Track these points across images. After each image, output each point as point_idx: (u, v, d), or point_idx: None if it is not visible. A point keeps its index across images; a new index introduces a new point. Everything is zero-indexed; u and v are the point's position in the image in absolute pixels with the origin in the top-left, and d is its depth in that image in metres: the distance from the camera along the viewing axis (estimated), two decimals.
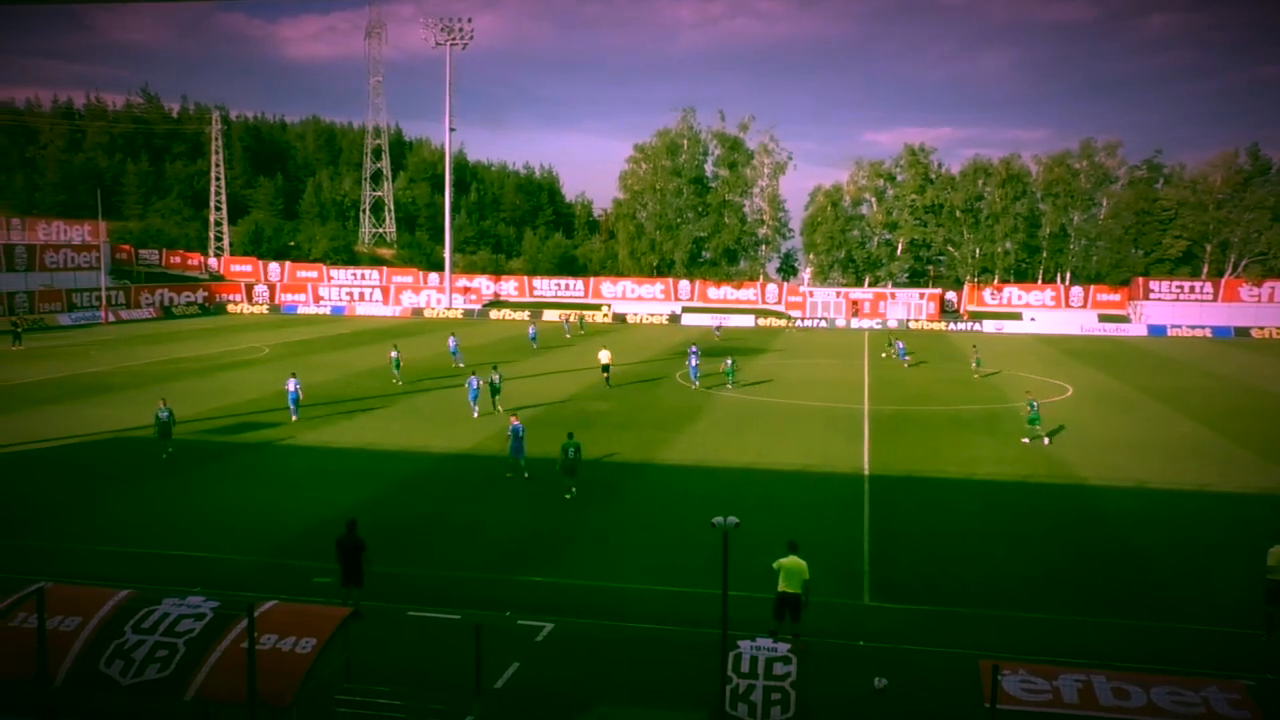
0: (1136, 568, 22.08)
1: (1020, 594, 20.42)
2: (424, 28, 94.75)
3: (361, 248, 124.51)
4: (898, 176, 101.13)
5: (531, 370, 53.41)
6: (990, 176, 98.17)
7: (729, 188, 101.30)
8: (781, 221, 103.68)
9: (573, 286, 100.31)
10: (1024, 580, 21.24)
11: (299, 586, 19.49)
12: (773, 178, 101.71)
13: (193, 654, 12.18)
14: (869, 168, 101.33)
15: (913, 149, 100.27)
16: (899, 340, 63.70)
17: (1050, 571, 21.71)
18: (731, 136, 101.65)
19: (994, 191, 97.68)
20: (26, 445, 33.16)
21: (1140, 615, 19.28)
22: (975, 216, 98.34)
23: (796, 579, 17.28)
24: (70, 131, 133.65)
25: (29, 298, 79.44)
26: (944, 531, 24.72)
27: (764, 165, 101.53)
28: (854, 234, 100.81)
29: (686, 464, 31.65)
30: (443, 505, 26.65)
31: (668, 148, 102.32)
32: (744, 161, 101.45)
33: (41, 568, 20.12)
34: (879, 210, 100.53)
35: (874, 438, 36.15)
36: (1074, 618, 19.15)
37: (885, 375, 53.78)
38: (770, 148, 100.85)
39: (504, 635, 17.41)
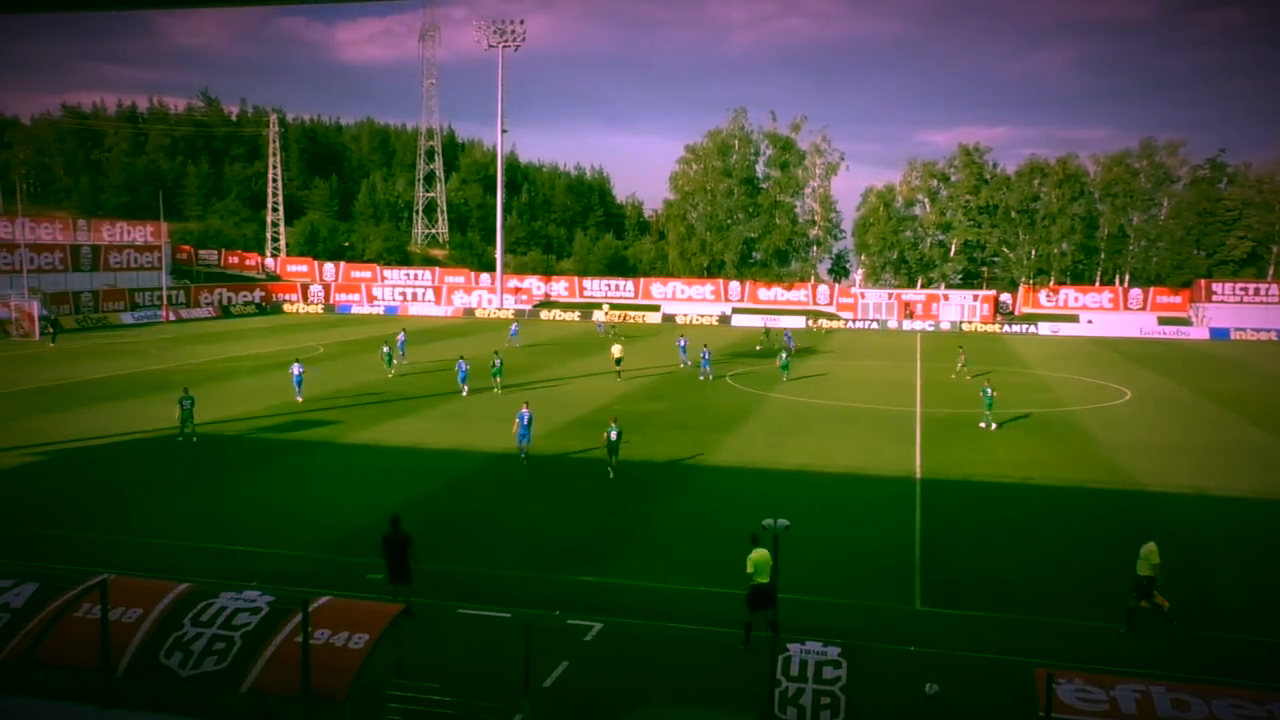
0: (1196, 576, 21.58)
1: (1076, 601, 20.06)
2: (477, 30, 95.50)
3: (414, 248, 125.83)
4: (952, 177, 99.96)
5: (579, 371, 53.59)
6: (1047, 176, 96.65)
7: (780, 188, 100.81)
8: (833, 222, 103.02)
9: (623, 287, 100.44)
10: (1080, 587, 20.87)
11: (352, 583, 19.74)
12: (825, 178, 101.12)
13: (249, 647, 12.38)
14: (922, 168, 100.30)
15: (967, 149, 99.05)
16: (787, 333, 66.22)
17: (1107, 578, 21.29)
18: (783, 137, 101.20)
19: (1050, 192, 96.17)
20: (91, 440, 33.97)
21: (1200, 625, 18.84)
22: (1031, 217, 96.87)
23: (767, 569, 17.44)
24: (134, 134, 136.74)
25: (94, 297, 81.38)
26: (997, 536, 24.38)
27: (816, 166, 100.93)
28: (907, 235, 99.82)
29: (737, 465, 31.55)
30: (492, 504, 26.83)
31: (719, 148, 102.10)
32: (796, 162, 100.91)
33: (104, 559, 20.59)
34: (932, 211, 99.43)
35: (926, 440, 35.75)
36: (1133, 626, 18.75)
37: (938, 378, 53.14)
38: (822, 148, 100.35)
39: (553, 634, 17.47)
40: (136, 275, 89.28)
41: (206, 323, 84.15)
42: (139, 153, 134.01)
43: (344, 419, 38.14)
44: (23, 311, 69.94)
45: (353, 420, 37.97)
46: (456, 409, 40.70)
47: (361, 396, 43.58)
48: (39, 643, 12.59)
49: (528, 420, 31.21)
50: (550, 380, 49.99)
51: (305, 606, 12.18)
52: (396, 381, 48.11)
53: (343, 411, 39.68)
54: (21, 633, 12.68)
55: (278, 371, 51.10)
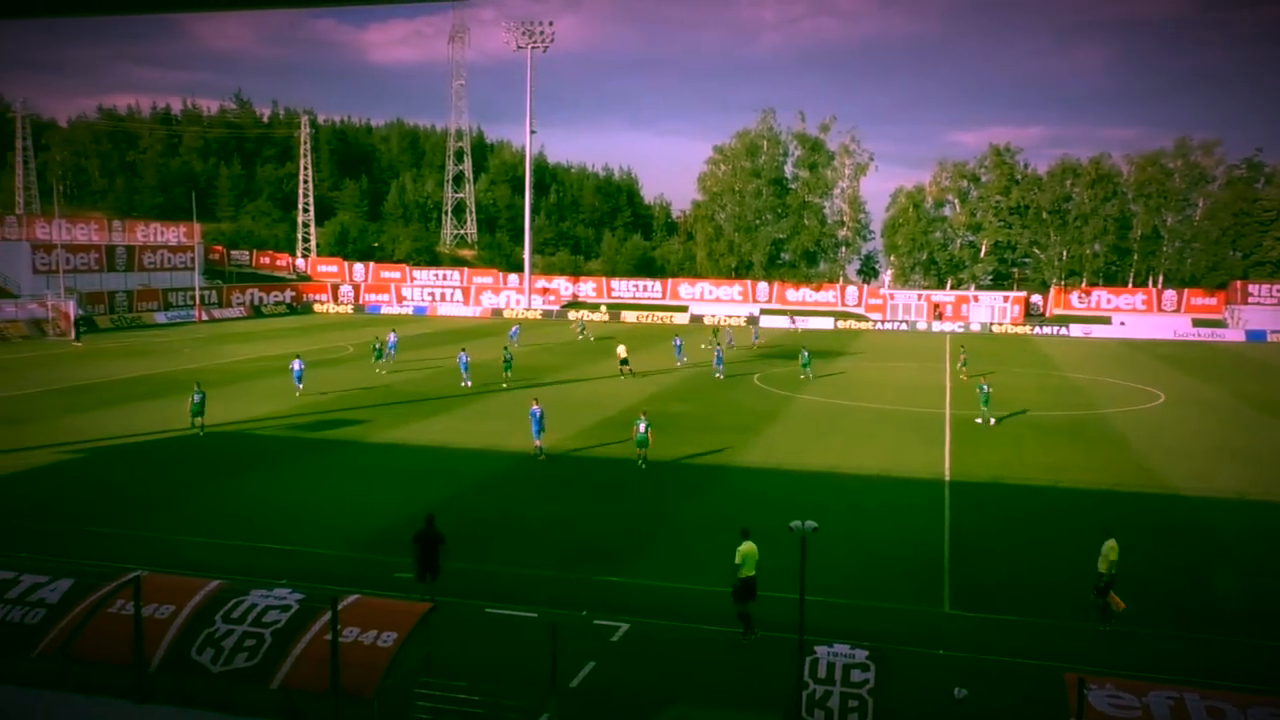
0: (1232, 581, 21.30)
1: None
2: (505, 31, 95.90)
3: (443, 249, 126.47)
4: (982, 177, 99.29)
5: (607, 371, 53.63)
6: (1079, 177, 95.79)
7: (809, 189, 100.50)
8: (862, 223, 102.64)
9: (650, 288, 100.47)
10: (1114, 590, 20.60)
11: (380, 581, 19.86)
12: (853, 179, 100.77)
13: (279, 644, 12.49)
14: (952, 168, 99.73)
15: (998, 149, 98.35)
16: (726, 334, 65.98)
17: (1140, 583, 21.03)
18: (812, 137, 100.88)
19: (1083, 192, 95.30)
20: (125, 438, 34.39)
21: (1238, 631, 18.59)
22: (1063, 218, 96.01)
23: (753, 563, 18.00)
24: (168, 136, 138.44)
25: (128, 297, 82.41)
26: (1027, 539, 24.17)
27: (845, 166, 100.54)
28: (936, 236, 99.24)
29: (765, 466, 31.47)
30: (521, 504, 26.92)
31: (747, 149, 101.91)
32: (824, 162, 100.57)
33: (137, 556, 20.84)
34: (962, 211, 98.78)
35: (955, 443, 35.50)
36: (1166, 631, 18.55)
37: (970, 380, 52.69)
38: (851, 148, 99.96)
39: (580, 634, 17.50)
40: (170, 275, 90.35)
41: (238, 322, 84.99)
42: (173, 154, 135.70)
43: (373, 418, 38.39)
44: (59, 311, 70.95)
45: (382, 419, 38.21)
46: (485, 408, 40.85)
47: (391, 395, 43.85)
48: (74, 638, 12.76)
49: (540, 416, 31.90)
50: (577, 380, 50.08)
51: (334, 604, 12.26)
52: (428, 381, 48.29)
53: (372, 410, 39.95)
54: (57, 628, 12.86)
55: (308, 371, 51.50)
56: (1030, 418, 41.16)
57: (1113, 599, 18.58)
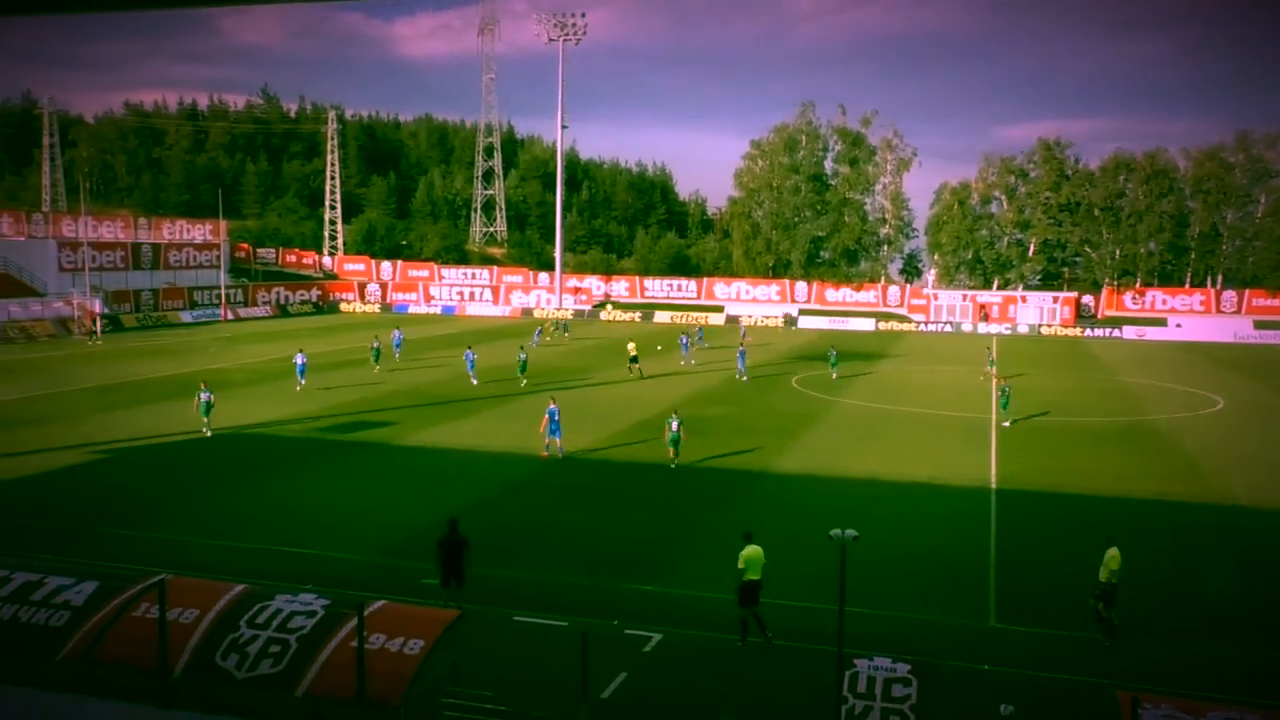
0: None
1: (1163, 620, 19.57)
2: (537, 23, 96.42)
3: (472, 247, 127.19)
4: (1030, 173, 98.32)
5: (650, 372, 53.67)
6: (1133, 172, 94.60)
7: (849, 185, 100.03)
8: (905, 220, 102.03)
9: (685, 287, 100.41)
10: (1167, 605, 20.36)
11: (406, 587, 19.96)
12: (896, 175, 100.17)
13: (304, 651, 12.59)
14: (999, 163, 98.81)
15: (1047, 143, 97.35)
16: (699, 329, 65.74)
17: (1197, 597, 20.75)
18: (853, 132, 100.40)
19: (1137, 188, 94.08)
20: (150, 439, 34.86)
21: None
22: (1115, 215, 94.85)
23: (759, 566, 18.10)
24: (194, 132, 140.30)
25: (154, 295, 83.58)
26: (1076, 550, 23.84)
27: (887, 162, 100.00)
28: (982, 234, 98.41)
29: (804, 473, 31.34)
30: (550, 508, 26.98)
31: (785, 144, 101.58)
32: (866, 158, 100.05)
33: (161, 558, 21.09)
34: (1010, 209, 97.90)
35: (1002, 449, 35.17)
36: (1224, 649, 18.26)
37: (1015, 384, 52.16)
38: (894, 143, 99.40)
39: (611, 644, 17.49)
40: (195, 274, 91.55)
41: (264, 321, 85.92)
42: (199, 150, 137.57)
43: (401, 420, 38.65)
44: (85, 309, 72.09)
45: (409, 421, 38.46)
46: (514, 410, 40.97)
47: (418, 397, 44.12)
48: (98, 642, 12.94)
49: (556, 416, 32.37)
50: (606, 382, 50.14)
51: (361, 610, 12.34)
52: (457, 383, 48.54)
53: (399, 412, 40.22)
54: (81, 631, 13.04)
55: (334, 371, 52.02)
56: (1079, 423, 40.69)
57: (1101, 609, 18.42)
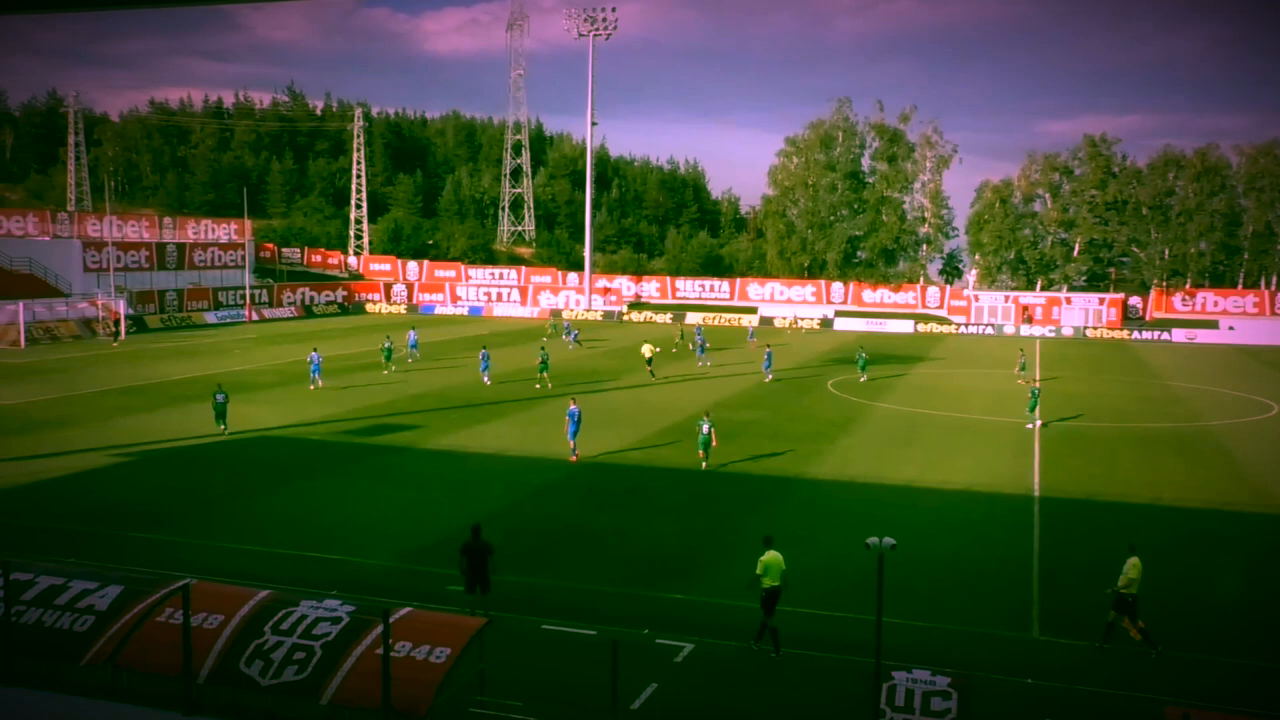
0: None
1: (1214, 634, 19.29)
2: (566, 18, 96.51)
3: (500, 246, 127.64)
4: (1075, 170, 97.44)
5: (668, 375, 53.65)
6: (1183, 169, 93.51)
7: (887, 183, 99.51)
8: (945, 219, 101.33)
9: (717, 288, 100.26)
10: (1218, 618, 20.07)
11: (433, 593, 20.05)
12: (936, 172, 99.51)
13: (329, 658, 12.66)
14: (1043, 160, 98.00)
15: (1093, 139, 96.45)
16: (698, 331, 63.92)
17: (1249, 611, 20.45)
18: (891, 128, 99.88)
19: (1187, 186, 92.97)
20: (175, 441, 35.24)
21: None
22: (1165, 214, 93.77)
23: (778, 572, 18.14)
24: (219, 131, 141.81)
25: (178, 296, 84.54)
26: (1123, 560, 23.56)
27: (926, 159, 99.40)
28: (1025, 233, 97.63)
29: (840, 479, 31.21)
30: (579, 514, 27.02)
31: (821, 140, 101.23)
32: (904, 155, 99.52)
33: (185, 563, 21.33)
34: (1054, 207, 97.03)
35: (1046, 455, 34.85)
36: (1277, 664, 17.97)
37: (1060, 388, 51.75)
38: (933, 140, 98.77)
39: (642, 654, 17.48)
40: (220, 274, 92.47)
41: (289, 323, 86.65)
42: (224, 149, 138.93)
43: (427, 423, 38.85)
44: (109, 310, 73.01)
45: (436, 424, 38.65)
46: (543, 414, 41.07)
47: (445, 400, 44.33)
48: (122, 646, 13.08)
49: (578, 417, 32.76)
50: (637, 385, 50.15)
51: (386, 618, 12.40)
52: (484, 385, 48.72)
53: (426, 415, 40.43)
54: (105, 636, 13.19)
55: (359, 373, 52.39)
56: (1127, 429, 40.24)
57: (1128, 625, 18.26)
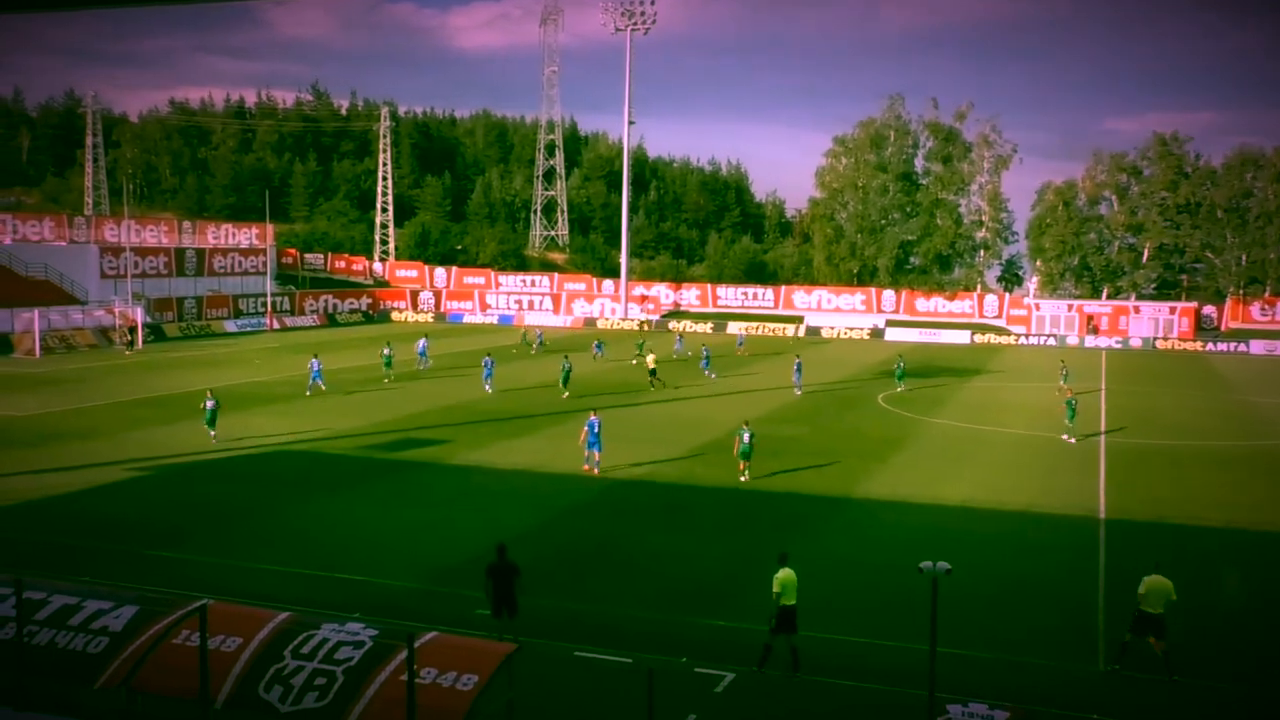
0: None
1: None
2: (603, 12, 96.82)
3: (532, 251, 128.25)
4: (1144, 170, 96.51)
5: (709, 390, 53.63)
6: (1261, 169, 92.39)
7: (942, 185, 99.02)
8: (1004, 223, 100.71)
9: (761, 296, 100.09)
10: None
11: (458, 617, 20.11)
12: (994, 173, 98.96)
13: (351, 684, 12.74)
14: (1109, 160, 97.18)
15: (1163, 138, 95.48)
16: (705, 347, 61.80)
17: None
18: (946, 127, 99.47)
19: (1266, 187, 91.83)
20: (193, 455, 35.66)
21: None
22: (1241, 217, 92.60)
23: (793, 591, 18.34)
24: (241, 131, 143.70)
25: (197, 303, 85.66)
26: (1197, 588, 23.23)
27: (984, 159, 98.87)
28: (1090, 237, 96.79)
29: (891, 499, 31.02)
30: (614, 534, 27.03)
31: (872, 140, 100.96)
32: (960, 155, 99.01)
33: (202, 582, 21.55)
34: (1121, 210, 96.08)
35: (1111, 475, 34.45)
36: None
37: (1127, 403, 51.15)
38: (991, 139, 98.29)
39: (679, 682, 17.43)
40: (241, 280, 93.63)
41: (311, 331, 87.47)
42: (246, 150, 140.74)
43: (454, 437, 39.06)
44: (126, 318, 74.09)
45: (463, 439, 38.84)
46: (574, 428, 41.14)
47: (473, 414, 44.56)
48: (137, 669, 13.24)
49: (597, 428, 33.25)
50: (677, 399, 50.15)
51: (411, 642, 12.45)
52: (513, 399, 48.94)
53: (453, 430, 40.65)
54: (120, 659, 13.35)
55: (384, 385, 52.77)
56: (1200, 447, 39.69)
57: (1153, 642, 18.33)
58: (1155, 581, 18.47)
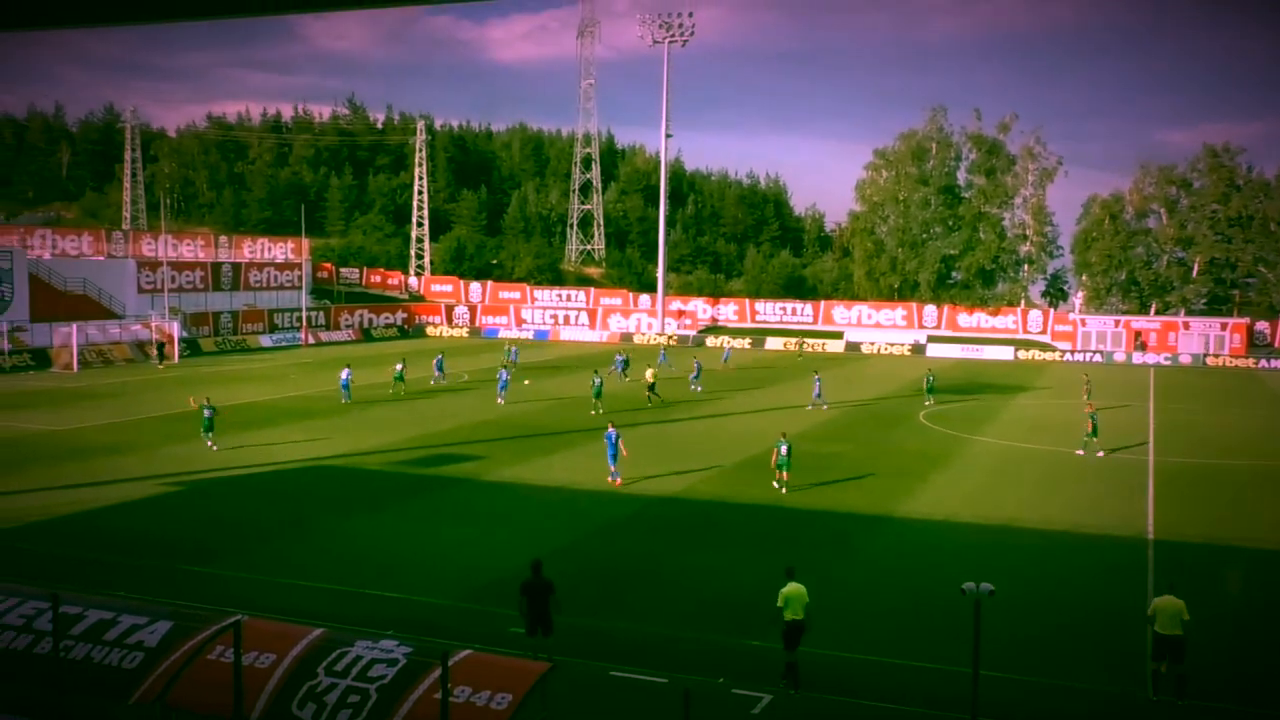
0: None
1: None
2: (640, 24, 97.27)
3: (568, 266, 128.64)
4: (1194, 183, 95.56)
5: (749, 405, 53.51)
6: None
7: (985, 198, 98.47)
8: (1048, 237, 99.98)
9: (800, 311, 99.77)
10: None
11: (492, 635, 20.15)
12: (1038, 186, 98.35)
13: (384, 702, 12.77)
14: (1158, 172, 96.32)
15: (1213, 149, 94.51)
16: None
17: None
18: (989, 139, 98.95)
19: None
20: (229, 470, 36.04)
21: None
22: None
23: (800, 605, 18.40)
24: (277, 145, 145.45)
25: (233, 318, 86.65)
26: (1251, 614, 22.88)
27: (1028, 172, 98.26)
28: (1138, 251, 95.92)
29: (933, 517, 30.79)
30: (651, 552, 26.99)
31: (913, 152, 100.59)
32: (1004, 168, 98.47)
33: (235, 598, 21.73)
34: (1170, 223, 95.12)
35: (1161, 495, 34.00)
36: None
37: (1177, 420, 50.50)
38: (1036, 151, 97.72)
39: (716, 705, 17.36)
40: (276, 295, 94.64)
41: (346, 346, 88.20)
42: (282, 164, 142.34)
43: (489, 454, 39.20)
44: (162, 332, 75.08)
45: (499, 455, 38.97)
46: None
47: (507, 429, 44.71)
48: (171, 685, 13.36)
49: (615, 439, 34.21)
50: (714, 415, 50.09)
51: (445, 660, 12.48)
52: (548, 414, 49.08)
53: (488, 446, 40.80)
54: (155, 674, 13.47)
55: (420, 400, 53.13)
56: (1256, 467, 39.10)
57: (1160, 667, 18.17)
58: (1166, 602, 18.15)
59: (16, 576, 19.23)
